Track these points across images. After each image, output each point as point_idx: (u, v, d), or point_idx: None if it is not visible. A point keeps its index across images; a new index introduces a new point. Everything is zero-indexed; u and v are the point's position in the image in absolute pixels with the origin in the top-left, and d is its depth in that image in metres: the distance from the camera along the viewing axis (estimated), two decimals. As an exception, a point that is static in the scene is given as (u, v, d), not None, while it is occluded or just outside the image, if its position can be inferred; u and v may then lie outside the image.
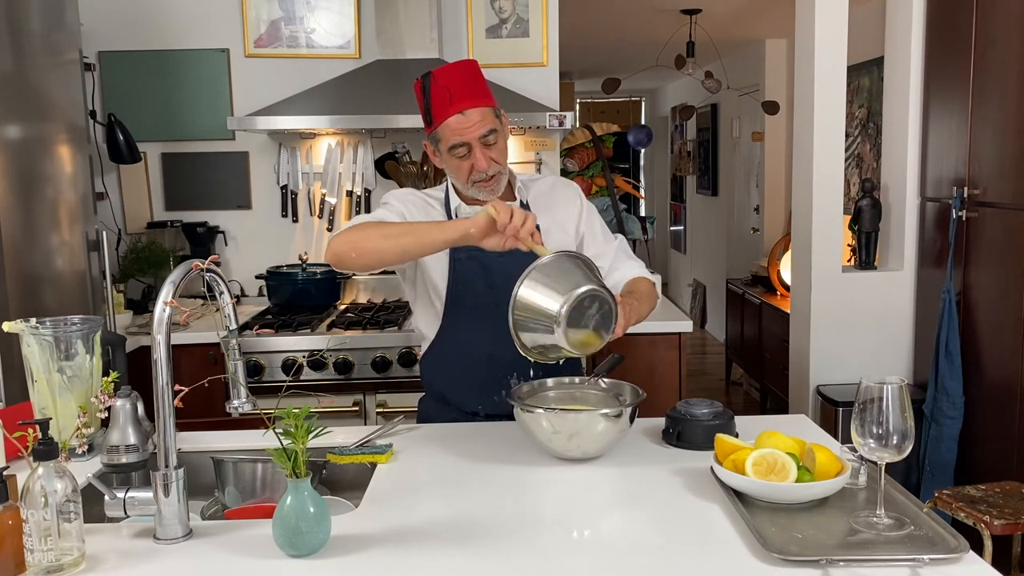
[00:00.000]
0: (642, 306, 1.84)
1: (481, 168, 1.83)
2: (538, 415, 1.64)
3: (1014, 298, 2.91)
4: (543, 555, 1.28)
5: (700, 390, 5.87)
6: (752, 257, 6.31)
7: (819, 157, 3.50)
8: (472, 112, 1.79)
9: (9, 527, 1.21)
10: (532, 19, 3.52)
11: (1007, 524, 2.38)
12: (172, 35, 3.54)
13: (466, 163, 1.83)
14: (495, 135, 1.83)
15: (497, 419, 1.94)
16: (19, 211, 2.37)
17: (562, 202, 2.02)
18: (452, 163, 1.85)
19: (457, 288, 1.94)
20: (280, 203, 3.63)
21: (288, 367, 2.89)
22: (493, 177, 1.85)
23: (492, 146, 1.83)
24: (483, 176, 1.84)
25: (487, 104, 1.83)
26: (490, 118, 1.83)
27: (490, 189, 1.87)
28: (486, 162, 1.82)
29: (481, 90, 1.84)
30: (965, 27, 3.15)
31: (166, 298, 1.35)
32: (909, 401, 1.30)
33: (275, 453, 1.27)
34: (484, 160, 1.82)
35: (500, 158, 1.86)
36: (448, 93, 1.79)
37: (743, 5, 5.03)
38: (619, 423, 1.64)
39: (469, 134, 1.80)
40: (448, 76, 1.81)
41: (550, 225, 1.94)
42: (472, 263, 1.92)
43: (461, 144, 1.81)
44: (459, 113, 1.79)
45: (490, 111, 1.83)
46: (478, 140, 1.81)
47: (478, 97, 1.81)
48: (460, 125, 1.79)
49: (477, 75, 1.85)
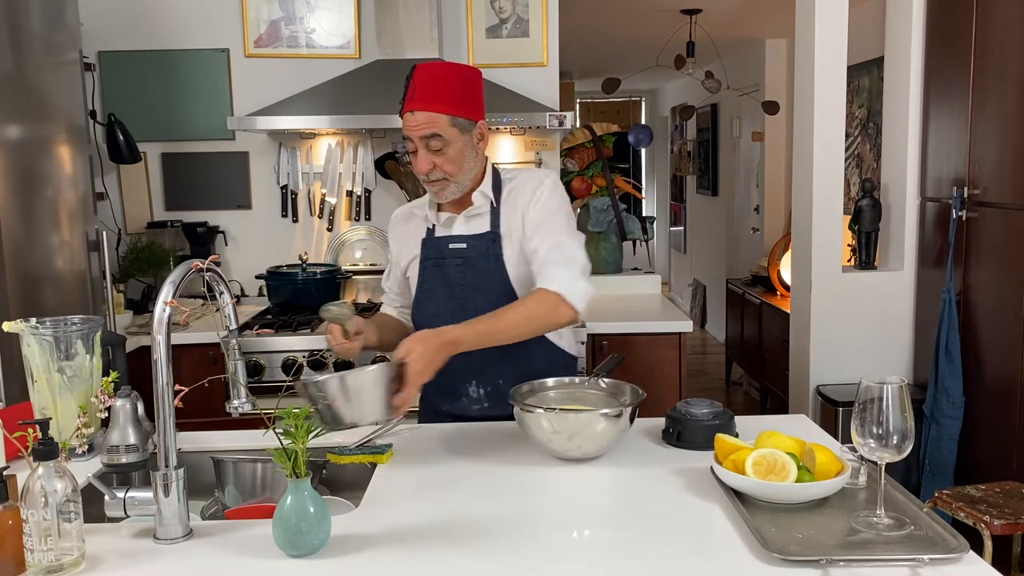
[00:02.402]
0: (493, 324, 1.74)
1: (418, 169, 1.85)
2: (538, 415, 1.64)
3: (1014, 298, 2.91)
4: (543, 555, 1.28)
5: (700, 390, 5.87)
6: (752, 257, 6.31)
7: (819, 157, 3.50)
8: (420, 114, 1.80)
9: (9, 527, 1.21)
10: (532, 19, 3.52)
11: (1007, 524, 2.37)
12: (172, 35, 3.54)
13: (414, 160, 1.86)
14: (439, 141, 1.81)
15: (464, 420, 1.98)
16: (19, 211, 2.37)
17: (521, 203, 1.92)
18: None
19: (422, 294, 1.99)
20: (280, 203, 3.63)
21: (288, 367, 2.89)
22: (436, 181, 1.86)
23: (438, 152, 1.82)
24: (424, 177, 1.87)
25: (441, 110, 1.80)
26: (440, 124, 1.80)
27: (435, 191, 1.90)
28: (426, 164, 1.83)
29: (443, 95, 1.81)
30: (965, 27, 3.15)
31: (166, 298, 1.35)
32: (909, 401, 1.30)
33: (275, 453, 1.27)
34: (424, 162, 1.83)
35: (447, 166, 1.84)
36: (413, 89, 1.82)
37: (743, 5, 5.03)
38: (619, 423, 1.64)
39: (412, 132, 1.83)
40: (424, 73, 1.83)
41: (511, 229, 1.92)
42: (435, 271, 1.96)
43: (409, 139, 1.85)
44: (409, 112, 1.82)
45: (444, 118, 1.80)
46: (420, 140, 1.82)
47: (433, 101, 1.80)
48: (408, 122, 1.83)
49: (451, 82, 1.83)
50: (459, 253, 1.93)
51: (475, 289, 1.91)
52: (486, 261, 1.92)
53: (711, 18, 5.26)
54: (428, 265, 1.97)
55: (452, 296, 1.94)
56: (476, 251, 1.92)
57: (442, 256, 1.95)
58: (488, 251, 1.92)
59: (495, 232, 1.92)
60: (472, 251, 1.93)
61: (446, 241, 1.94)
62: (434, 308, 1.96)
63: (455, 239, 1.94)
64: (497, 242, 1.92)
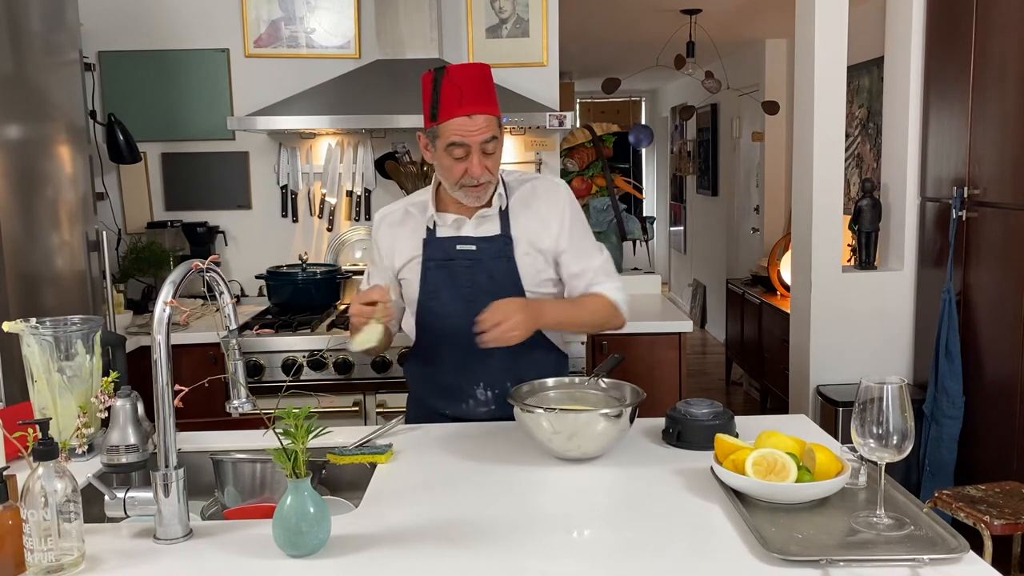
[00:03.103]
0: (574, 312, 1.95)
1: (475, 174, 1.84)
2: (538, 415, 1.64)
3: (1014, 298, 2.91)
4: (543, 555, 1.28)
5: (700, 390, 5.87)
6: (752, 257, 6.31)
7: (819, 157, 3.50)
8: (479, 117, 1.81)
9: (9, 527, 1.21)
10: (532, 19, 3.52)
11: (1007, 524, 2.37)
12: (172, 35, 3.54)
13: (460, 165, 1.84)
14: (494, 144, 1.85)
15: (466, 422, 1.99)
16: (19, 211, 2.37)
17: (543, 214, 1.96)
18: (446, 161, 1.85)
19: (425, 295, 1.97)
20: (280, 203, 3.63)
21: (288, 367, 2.89)
22: (482, 185, 1.87)
23: (490, 155, 1.85)
24: (473, 182, 1.86)
25: (494, 113, 1.85)
26: (494, 126, 1.85)
27: (476, 196, 1.89)
28: (480, 169, 1.84)
29: (491, 98, 1.86)
30: (965, 27, 3.15)
31: (166, 298, 1.35)
32: (909, 401, 1.30)
33: (275, 453, 1.27)
34: (479, 167, 1.83)
35: (494, 167, 1.88)
36: (460, 92, 1.80)
37: (743, 5, 5.03)
38: (619, 423, 1.64)
39: (472, 137, 1.81)
40: (462, 76, 1.83)
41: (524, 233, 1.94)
42: (440, 271, 1.95)
43: (461, 145, 1.81)
44: (466, 116, 1.80)
45: (495, 120, 1.86)
46: (479, 146, 1.82)
47: (488, 104, 1.84)
48: (464, 127, 1.80)
49: (489, 81, 1.88)
50: (469, 255, 1.93)
51: (485, 290, 1.90)
52: (498, 263, 1.93)
53: (711, 18, 5.26)
54: (432, 266, 1.95)
55: (459, 296, 1.93)
56: (487, 253, 1.93)
57: (449, 257, 1.94)
58: (500, 253, 1.93)
59: (507, 235, 1.93)
60: (482, 253, 1.93)
61: (453, 242, 1.94)
62: (439, 308, 1.96)
63: (463, 240, 1.94)
64: (509, 245, 1.93)
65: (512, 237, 1.93)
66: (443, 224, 1.96)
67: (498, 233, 1.94)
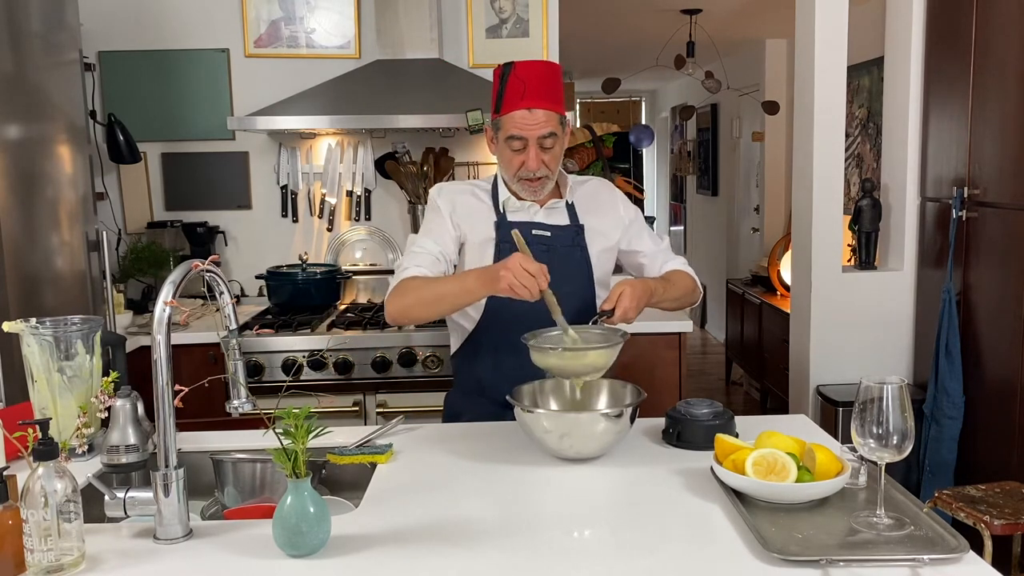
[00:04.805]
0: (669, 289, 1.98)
1: (531, 167, 1.89)
2: (538, 415, 1.64)
3: (1014, 298, 2.91)
4: (543, 555, 1.28)
5: (700, 390, 5.87)
6: (752, 257, 6.31)
7: (819, 157, 3.50)
8: (539, 111, 1.86)
9: (9, 527, 1.21)
10: (532, 19, 3.52)
11: (1007, 524, 2.37)
12: (172, 35, 3.54)
13: (519, 157, 1.90)
14: (554, 139, 1.89)
15: None
16: (19, 211, 2.37)
17: (606, 209, 2.07)
18: (506, 154, 1.91)
19: None
20: (280, 203, 3.63)
21: (288, 367, 2.89)
22: (539, 179, 1.92)
23: (548, 150, 1.89)
24: (530, 175, 1.91)
25: (556, 110, 1.89)
26: (554, 122, 1.89)
27: (532, 190, 1.94)
28: (537, 163, 1.89)
29: (555, 95, 1.90)
30: (965, 27, 3.15)
31: (166, 298, 1.35)
32: (909, 401, 1.30)
33: (275, 453, 1.27)
34: (536, 160, 1.88)
35: (552, 163, 1.92)
36: (523, 86, 1.85)
37: (743, 5, 5.03)
38: (619, 423, 1.64)
39: (530, 131, 1.86)
40: (528, 71, 1.87)
41: (594, 227, 2.03)
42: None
43: (519, 138, 1.87)
44: (527, 109, 1.85)
45: (556, 116, 1.89)
46: (536, 139, 1.87)
47: (549, 100, 1.88)
48: (524, 120, 1.86)
49: (556, 80, 1.91)
50: (543, 240, 1.96)
51: (558, 277, 1.83)
52: (572, 251, 1.99)
53: (711, 18, 5.26)
54: (506, 248, 1.94)
55: None
56: (561, 241, 1.98)
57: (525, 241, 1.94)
58: (574, 242, 1.99)
59: (578, 225, 2.00)
60: (556, 240, 1.98)
61: (528, 227, 1.95)
62: None
63: (537, 226, 1.97)
64: (581, 235, 2.00)
65: (583, 227, 2.00)
66: (513, 210, 1.99)
67: (568, 223, 2.00)
